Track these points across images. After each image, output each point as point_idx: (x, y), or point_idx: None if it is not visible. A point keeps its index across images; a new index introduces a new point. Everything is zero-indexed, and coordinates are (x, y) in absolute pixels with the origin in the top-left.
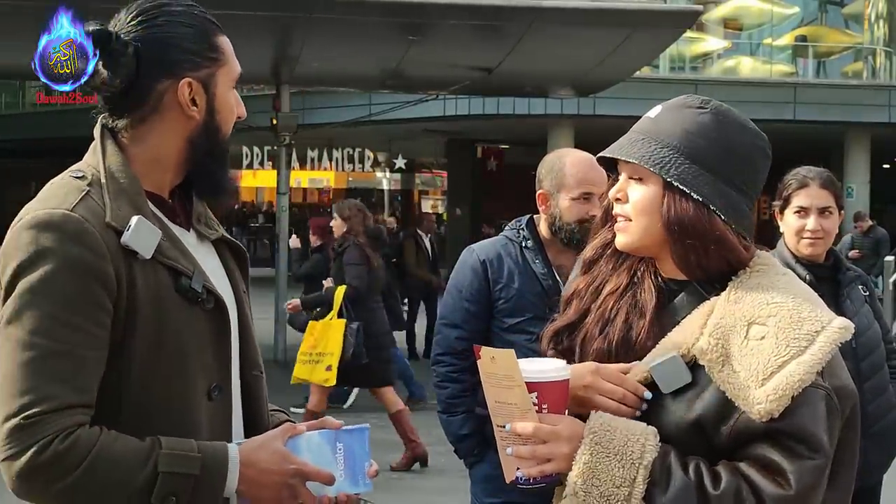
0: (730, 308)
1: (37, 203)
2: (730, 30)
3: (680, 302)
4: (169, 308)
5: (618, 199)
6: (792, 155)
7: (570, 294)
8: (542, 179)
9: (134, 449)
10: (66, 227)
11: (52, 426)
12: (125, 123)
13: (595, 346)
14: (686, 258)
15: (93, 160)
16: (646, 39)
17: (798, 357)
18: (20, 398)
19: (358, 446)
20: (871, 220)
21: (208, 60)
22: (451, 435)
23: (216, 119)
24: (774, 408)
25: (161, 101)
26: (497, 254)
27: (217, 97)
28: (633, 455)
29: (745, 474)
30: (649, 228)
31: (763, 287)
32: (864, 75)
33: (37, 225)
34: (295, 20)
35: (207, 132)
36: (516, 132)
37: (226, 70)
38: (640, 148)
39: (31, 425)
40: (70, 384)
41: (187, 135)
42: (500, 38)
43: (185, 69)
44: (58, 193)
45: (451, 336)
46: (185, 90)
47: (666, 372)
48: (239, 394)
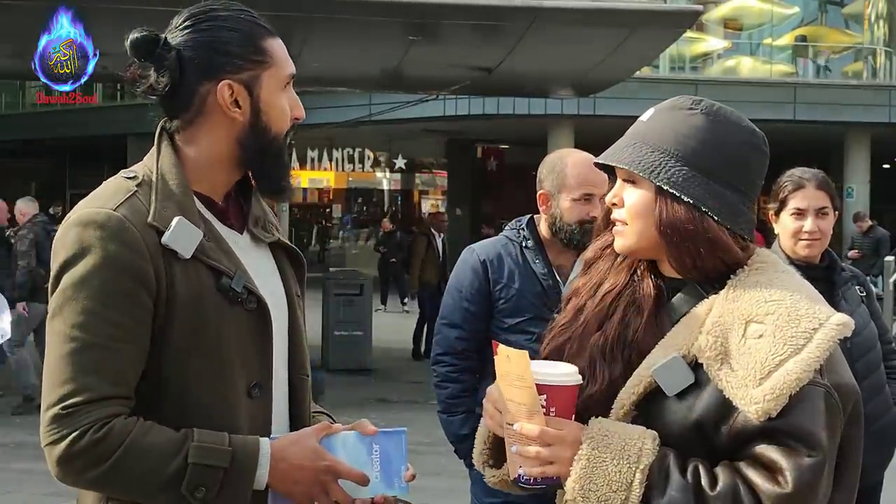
0: (728, 306)
1: (86, 201)
2: (730, 30)
3: (678, 300)
4: (209, 306)
5: (614, 203)
6: (792, 155)
7: (570, 293)
8: (542, 180)
9: (167, 440)
10: (108, 226)
11: (88, 416)
12: (177, 125)
13: (592, 342)
14: (681, 260)
15: (149, 161)
16: (646, 39)
17: (796, 355)
18: (60, 388)
19: (394, 449)
20: (871, 220)
21: (251, 63)
22: (451, 435)
23: (263, 119)
24: (772, 407)
25: (205, 103)
26: (497, 254)
27: (262, 98)
28: (630, 458)
29: (743, 474)
30: (644, 232)
31: (761, 285)
32: (864, 75)
33: (81, 223)
34: (295, 20)
35: (255, 132)
36: (516, 132)
37: (273, 72)
38: (632, 153)
39: (69, 415)
40: (106, 376)
41: (235, 136)
42: (500, 38)
43: (225, 72)
44: (106, 193)
45: (451, 336)
46: (226, 92)
47: (669, 374)
48: (285, 394)
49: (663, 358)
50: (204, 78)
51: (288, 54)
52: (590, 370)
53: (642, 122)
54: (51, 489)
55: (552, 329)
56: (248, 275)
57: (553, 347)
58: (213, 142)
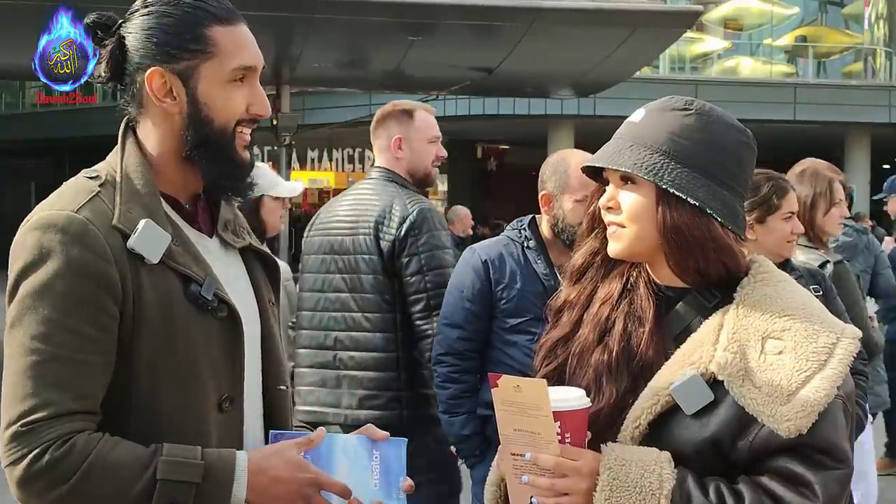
0: (741, 322)
1: (46, 204)
2: (730, 30)
3: (680, 311)
4: (178, 315)
5: (609, 207)
6: (792, 155)
7: (561, 304)
8: (545, 181)
9: (134, 456)
10: (69, 229)
11: (48, 433)
12: (133, 119)
13: (595, 358)
14: (684, 264)
15: (113, 159)
16: (646, 39)
17: (820, 371)
18: (21, 404)
19: (394, 458)
20: (871, 220)
21: (188, 52)
22: (452, 435)
23: (203, 112)
24: (803, 424)
25: (143, 94)
26: (499, 254)
27: (200, 90)
28: (652, 486)
29: (768, 488)
30: (643, 235)
31: (770, 298)
32: (864, 75)
33: (41, 226)
34: (295, 20)
35: (195, 125)
36: (516, 132)
37: (215, 62)
38: (631, 155)
39: (28, 432)
40: (69, 390)
41: (177, 129)
42: (500, 38)
43: (156, 60)
44: (67, 194)
45: (453, 336)
46: (156, 80)
47: (688, 392)
48: (259, 408)
49: (680, 376)
50: (139, 66)
51: (246, 44)
52: (596, 386)
53: (634, 123)
54: None
55: (546, 344)
56: (219, 281)
57: (553, 365)
58: (160, 136)
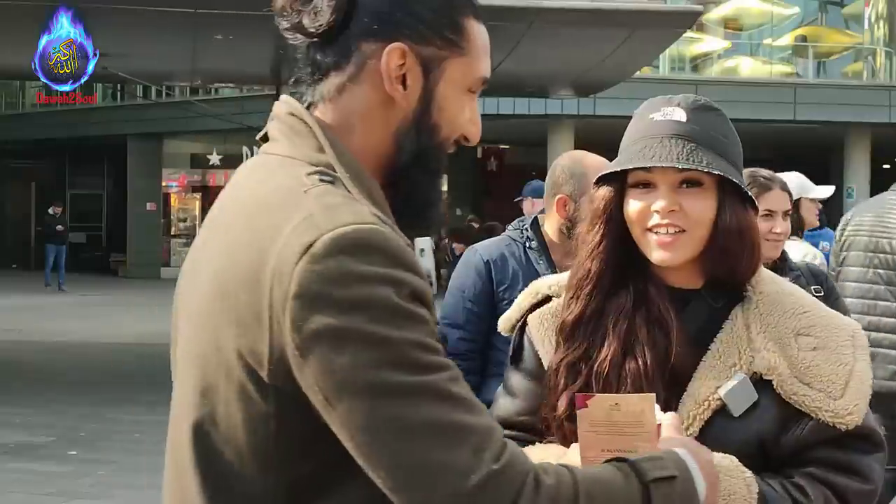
0: (766, 320)
1: (330, 215)
2: (730, 30)
3: (692, 312)
4: None
5: (671, 211)
6: (792, 155)
7: (575, 320)
8: (561, 184)
9: (601, 468)
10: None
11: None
12: (321, 93)
13: (629, 368)
14: (725, 265)
15: (307, 150)
16: (646, 39)
17: (855, 363)
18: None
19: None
20: None
21: (441, 39)
22: None
23: (433, 115)
24: (861, 415)
25: (363, 66)
26: (501, 254)
27: (440, 90)
28: (741, 491)
29: (825, 478)
30: (701, 240)
31: (781, 295)
32: (864, 75)
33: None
34: None
35: (419, 129)
36: (516, 132)
37: (464, 62)
38: (705, 157)
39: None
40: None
41: (395, 125)
42: (501, 38)
43: (402, 34)
44: (342, 203)
45: (454, 337)
46: (395, 58)
47: (738, 395)
48: None
49: (725, 378)
50: (373, 32)
51: (489, 51)
52: None
53: (681, 122)
54: (50, 489)
55: (565, 363)
56: None
57: (580, 383)
58: (367, 131)
